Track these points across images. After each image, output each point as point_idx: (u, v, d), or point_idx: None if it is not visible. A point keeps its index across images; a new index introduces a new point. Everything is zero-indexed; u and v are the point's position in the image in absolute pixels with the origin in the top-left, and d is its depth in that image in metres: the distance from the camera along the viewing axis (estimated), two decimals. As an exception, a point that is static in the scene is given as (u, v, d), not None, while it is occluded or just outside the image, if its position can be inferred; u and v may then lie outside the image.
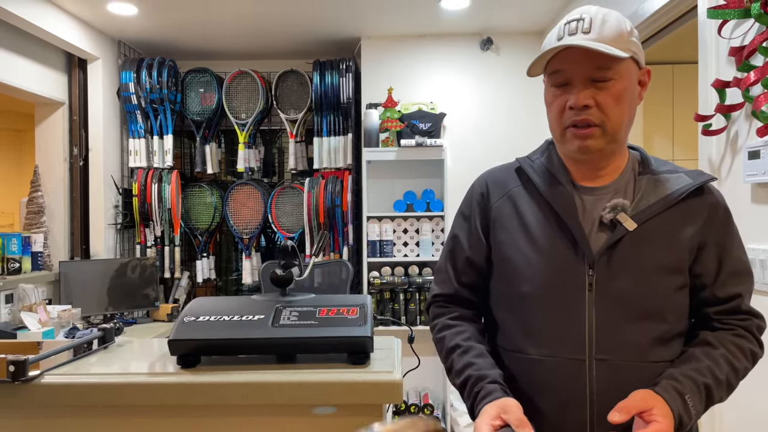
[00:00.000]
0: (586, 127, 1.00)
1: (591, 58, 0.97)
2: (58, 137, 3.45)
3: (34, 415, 0.97)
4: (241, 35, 3.64)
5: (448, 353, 1.11)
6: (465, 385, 1.05)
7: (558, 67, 1.01)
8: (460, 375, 1.06)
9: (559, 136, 1.05)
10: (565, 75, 1.00)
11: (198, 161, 3.79)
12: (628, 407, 0.91)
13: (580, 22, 0.99)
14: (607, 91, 0.99)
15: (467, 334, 1.11)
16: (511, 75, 3.68)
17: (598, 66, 0.98)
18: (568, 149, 1.05)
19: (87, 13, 3.23)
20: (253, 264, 3.81)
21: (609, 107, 0.99)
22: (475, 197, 1.17)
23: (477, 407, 1.00)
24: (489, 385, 1.00)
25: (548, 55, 1.00)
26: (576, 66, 0.99)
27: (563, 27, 1.01)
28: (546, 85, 1.07)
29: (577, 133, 1.01)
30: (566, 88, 1.01)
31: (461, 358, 1.07)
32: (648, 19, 2.25)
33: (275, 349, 1.02)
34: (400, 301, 3.50)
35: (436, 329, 1.16)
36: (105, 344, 1.17)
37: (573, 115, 1.00)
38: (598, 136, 1.00)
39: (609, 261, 1.01)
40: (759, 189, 1.59)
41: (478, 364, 1.04)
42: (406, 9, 3.25)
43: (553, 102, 1.04)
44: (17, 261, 2.97)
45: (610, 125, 1.00)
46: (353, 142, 3.68)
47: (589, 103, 0.98)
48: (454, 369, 1.08)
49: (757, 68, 1.54)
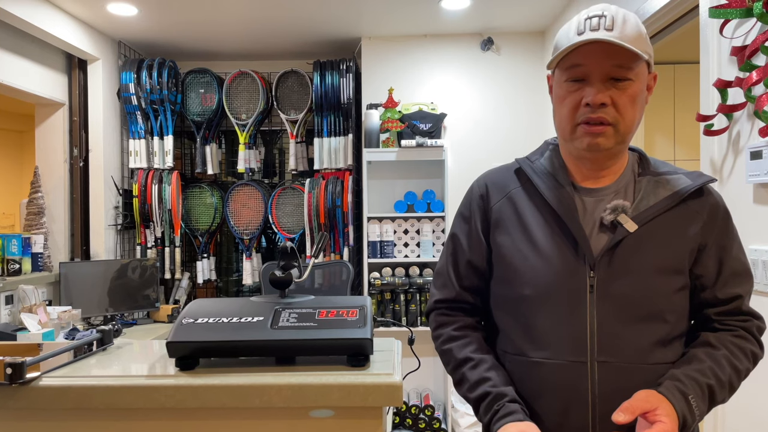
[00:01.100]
0: (599, 125, 0.99)
1: (612, 56, 0.96)
2: (59, 138, 3.45)
3: (32, 418, 0.97)
4: (241, 36, 3.64)
5: (457, 366, 1.10)
6: (482, 400, 1.04)
7: (577, 61, 0.99)
8: (474, 389, 1.05)
9: (568, 132, 1.03)
10: (584, 70, 0.99)
11: (198, 162, 3.79)
12: (632, 407, 0.91)
13: (602, 18, 0.97)
14: (624, 92, 0.98)
15: (475, 345, 1.10)
16: (511, 75, 3.68)
17: (619, 64, 0.96)
18: (576, 146, 1.03)
19: (87, 13, 3.23)
20: (253, 265, 3.80)
21: (625, 108, 0.98)
22: (474, 199, 1.16)
23: (495, 424, 0.99)
24: (510, 404, 1.00)
25: (570, 48, 0.98)
26: (597, 62, 0.97)
27: (584, 22, 0.98)
28: (557, 80, 1.04)
29: (589, 130, 0.99)
30: (582, 84, 0.99)
31: (474, 372, 1.06)
32: (649, 19, 2.24)
33: (274, 351, 1.01)
34: (400, 302, 3.50)
35: (440, 340, 1.15)
36: (104, 346, 1.16)
37: (588, 112, 0.98)
38: (609, 135, 0.99)
39: (610, 262, 1.00)
40: (761, 189, 1.59)
41: (493, 380, 1.04)
42: (407, 9, 3.24)
43: (566, 97, 1.02)
44: (17, 262, 2.97)
45: (623, 126, 0.99)
46: (354, 143, 3.67)
47: (607, 102, 0.97)
48: (467, 382, 1.07)
49: (759, 68, 1.53)
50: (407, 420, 3.42)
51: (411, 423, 3.42)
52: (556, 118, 1.06)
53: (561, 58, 1.01)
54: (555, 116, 1.07)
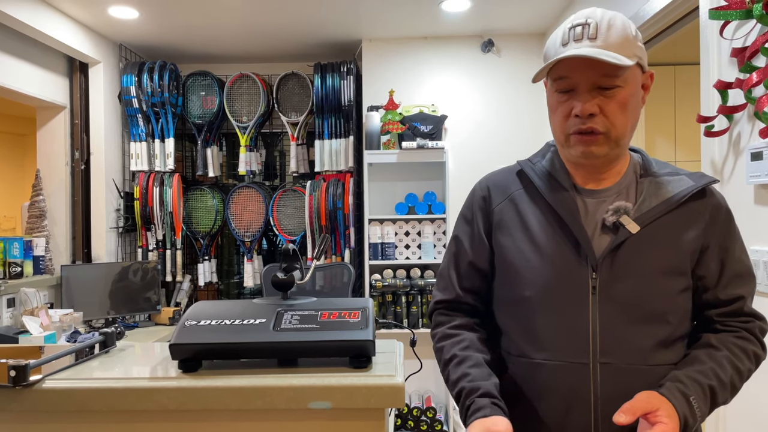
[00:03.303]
0: (590, 134, 0.99)
1: (597, 66, 0.96)
2: (60, 141, 3.45)
3: (35, 420, 0.97)
4: (242, 38, 3.64)
5: (445, 364, 1.10)
6: (458, 397, 1.05)
7: (563, 73, 0.99)
8: (454, 386, 1.06)
9: (562, 140, 1.04)
10: (570, 81, 0.99)
11: (199, 164, 3.79)
12: (634, 408, 0.91)
13: (585, 27, 0.97)
14: (612, 99, 0.98)
15: (465, 343, 1.10)
16: (512, 77, 3.68)
17: (604, 74, 0.96)
18: (571, 154, 1.04)
19: (88, 17, 3.23)
20: (254, 267, 3.81)
21: (614, 115, 0.98)
22: (476, 201, 1.16)
23: (468, 421, 1.00)
24: (480, 399, 1.00)
25: (554, 62, 0.99)
26: (581, 74, 0.97)
27: (568, 32, 0.99)
28: (549, 90, 1.05)
29: (581, 140, 1.00)
30: (571, 94, 1.00)
31: (456, 369, 1.06)
32: (649, 21, 2.25)
33: (276, 353, 1.01)
34: (402, 304, 3.50)
35: (436, 338, 1.15)
36: (106, 348, 1.16)
37: (578, 123, 0.99)
38: (602, 143, 1.00)
39: (612, 264, 1.00)
40: (762, 190, 1.59)
41: (471, 375, 1.04)
42: (407, 11, 3.25)
43: (557, 108, 1.03)
44: (19, 265, 2.97)
45: (615, 132, 0.99)
46: (354, 145, 3.68)
47: (595, 112, 0.97)
48: (450, 380, 1.07)
49: (759, 69, 1.54)
50: (409, 422, 3.42)
51: (413, 425, 3.42)
52: (551, 125, 1.07)
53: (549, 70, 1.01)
54: (550, 124, 1.08)
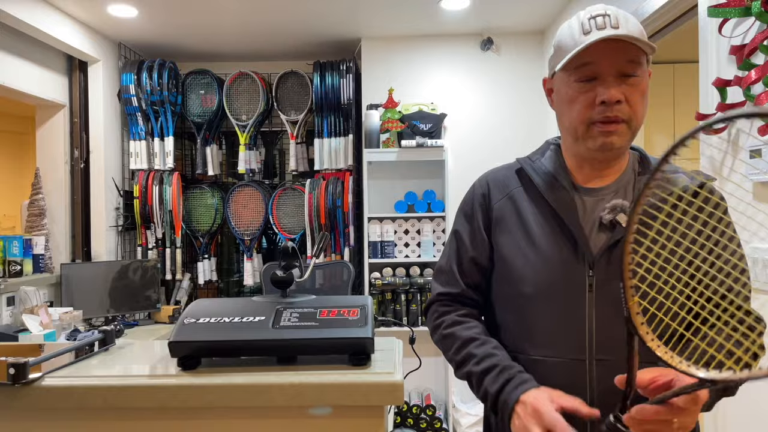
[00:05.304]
0: (613, 122, 0.99)
1: (623, 52, 0.96)
2: (59, 140, 3.45)
3: (35, 418, 0.97)
4: (241, 37, 3.64)
5: (462, 344, 1.08)
6: (489, 372, 1.02)
7: (587, 59, 0.98)
8: (481, 362, 1.03)
9: (582, 132, 1.02)
10: (594, 68, 0.98)
11: (199, 163, 3.79)
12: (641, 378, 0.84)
13: (606, 17, 0.97)
14: (635, 87, 0.98)
15: (480, 329, 1.10)
16: (511, 75, 3.68)
17: (630, 60, 0.97)
18: (588, 146, 1.02)
19: (87, 15, 3.23)
20: (254, 265, 3.81)
21: (637, 104, 0.99)
22: (476, 197, 1.16)
23: (510, 392, 0.96)
24: (522, 374, 0.99)
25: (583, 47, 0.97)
26: (608, 59, 0.97)
27: (588, 21, 0.98)
28: (565, 81, 1.03)
29: (604, 129, 0.99)
30: (593, 83, 0.99)
31: (482, 348, 1.05)
32: (648, 18, 2.25)
33: (276, 350, 1.01)
34: (401, 302, 3.50)
35: (443, 325, 1.13)
36: (106, 346, 1.17)
37: (605, 110, 0.98)
38: (622, 133, 1.00)
39: (609, 262, 1.00)
40: (761, 187, 1.59)
41: (500, 356, 1.03)
42: (407, 9, 3.25)
43: (577, 97, 1.01)
44: (19, 263, 2.97)
45: (636, 122, 1.00)
46: (354, 143, 3.68)
47: (622, 98, 0.97)
48: (474, 357, 1.05)
49: (758, 67, 1.54)
50: (408, 420, 3.43)
51: (412, 423, 3.42)
52: (565, 119, 1.05)
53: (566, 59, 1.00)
54: (563, 118, 1.06)
